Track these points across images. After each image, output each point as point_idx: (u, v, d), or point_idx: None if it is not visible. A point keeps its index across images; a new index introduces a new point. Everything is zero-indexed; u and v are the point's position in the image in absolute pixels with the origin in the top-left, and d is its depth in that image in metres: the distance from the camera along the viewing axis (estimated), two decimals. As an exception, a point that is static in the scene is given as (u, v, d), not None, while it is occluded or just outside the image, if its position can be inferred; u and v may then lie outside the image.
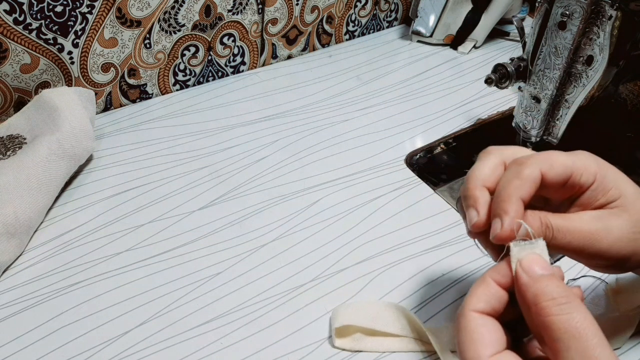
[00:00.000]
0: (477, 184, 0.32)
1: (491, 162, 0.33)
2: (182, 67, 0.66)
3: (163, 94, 0.66)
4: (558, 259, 0.47)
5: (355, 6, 0.77)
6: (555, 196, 0.33)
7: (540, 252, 0.28)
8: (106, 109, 0.63)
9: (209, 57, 0.67)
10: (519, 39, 0.53)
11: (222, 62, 0.69)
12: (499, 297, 0.28)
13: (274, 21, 0.70)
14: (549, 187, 0.31)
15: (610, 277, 0.44)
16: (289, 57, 0.75)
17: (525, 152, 0.33)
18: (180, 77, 0.66)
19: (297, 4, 0.70)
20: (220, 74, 0.70)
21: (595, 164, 0.32)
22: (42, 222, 0.48)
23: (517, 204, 0.29)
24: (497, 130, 0.64)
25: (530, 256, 0.27)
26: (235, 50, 0.69)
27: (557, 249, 0.30)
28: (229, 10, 0.65)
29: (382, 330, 0.39)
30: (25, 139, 0.51)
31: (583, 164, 0.31)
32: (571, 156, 0.31)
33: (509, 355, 0.27)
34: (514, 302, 0.28)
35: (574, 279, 0.45)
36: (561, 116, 0.49)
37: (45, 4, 0.52)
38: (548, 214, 0.31)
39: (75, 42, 0.56)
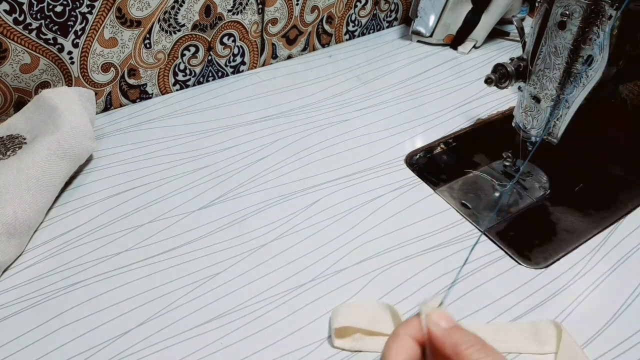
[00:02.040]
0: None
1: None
2: (182, 67, 0.66)
3: (163, 94, 0.66)
4: (551, 263, 0.47)
5: (355, 6, 0.77)
6: None
7: (442, 305, 0.30)
8: (106, 109, 0.63)
9: (209, 57, 0.67)
10: (519, 39, 0.53)
11: (222, 62, 0.69)
12: (415, 349, 0.29)
13: (274, 21, 0.70)
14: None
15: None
16: (289, 57, 0.75)
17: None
18: (180, 77, 0.66)
19: (297, 4, 0.70)
20: (220, 74, 0.69)
21: None
22: (42, 222, 0.48)
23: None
24: (497, 130, 0.64)
25: (436, 311, 0.29)
26: (235, 50, 0.69)
27: None
28: (229, 10, 0.65)
29: (382, 332, 0.39)
30: (25, 139, 0.51)
31: None
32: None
33: None
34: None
35: None
36: (561, 116, 0.49)
37: (45, 4, 0.52)
38: None
39: (75, 42, 0.56)
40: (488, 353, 0.27)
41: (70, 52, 0.56)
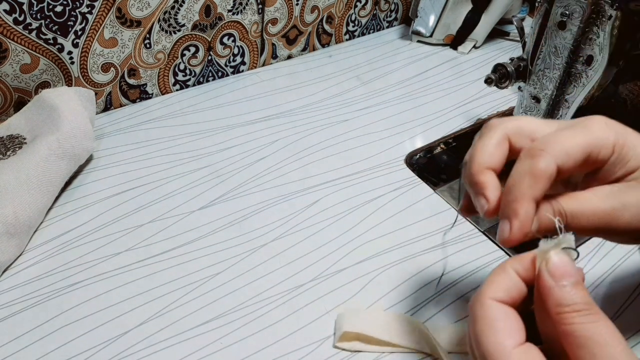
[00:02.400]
0: (481, 168, 0.29)
1: (494, 139, 0.30)
2: (182, 67, 0.66)
3: (163, 94, 0.66)
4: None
5: (355, 6, 0.77)
6: (570, 175, 0.30)
7: (568, 250, 0.26)
8: (106, 109, 0.63)
9: (209, 57, 0.67)
10: (519, 39, 0.53)
11: (222, 62, 0.69)
12: (519, 288, 0.27)
13: (274, 21, 0.70)
14: (565, 174, 0.28)
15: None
16: (289, 57, 0.75)
17: (530, 123, 0.30)
18: (180, 77, 0.66)
19: (297, 4, 0.70)
20: (220, 74, 0.70)
21: (614, 134, 0.29)
22: (42, 222, 0.48)
23: (529, 204, 0.27)
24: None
25: (557, 256, 0.26)
26: (235, 50, 0.69)
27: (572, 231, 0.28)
28: (229, 10, 0.65)
29: (394, 342, 0.38)
30: (25, 139, 0.51)
31: (600, 139, 0.28)
32: (586, 133, 0.28)
33: (532, 349, 0.25)
34: (529, 297, 0.27)
35: None
36: (561, 116, 0.49)
37: (45, 4, 0.52)
38: (560, 199, 0.28)
39: (75, 42, 0.56)
40: (593, 319, 0.24)
41: (70, 52, 0.56)
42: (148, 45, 0.61)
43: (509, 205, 0.28)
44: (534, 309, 0.27)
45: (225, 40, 0.67)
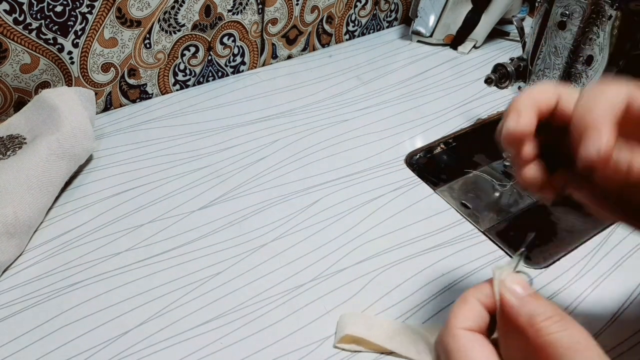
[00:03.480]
0: (529, 102, 0.27)
1: (549, 90, 0.28)
2: (182, 67, 0.66)
3: (163, 94, 0.66)
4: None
5: (355, 6, 0.77)
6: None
7: (519, 270, 0.27)
8: (106, 109, 0.63)
9: (209, 57, 0.67)
10: (519, 39, 0.53)
11: (222, 62, 0.69)
12: (483, 316, 0.27)
13: (274, 21, 0.70)
14: (629, 123, 0.26)
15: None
16: (289, 57, 0.75)
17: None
18: (180, 77, 0.66)
19: (297, 4, 0.70)
20: (220, 74, 0.70)
21: None
22: (42, 222, 0.48)
23: (612, 125, 0.25)
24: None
25: (512, 277, 0.26)
26: (235, 50, 0.69)
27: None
28: (229, 10, 0.65)
29: (397, 351, 0.38)
30: (25, 139, 0.51)
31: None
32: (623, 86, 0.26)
33: None
34: (491, 326, 0.27)
35: None
36: (561, 116, 0.49)
37: (45, 4, 0.52)
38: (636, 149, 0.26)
39: (75, 42, 0.56)
40: (567, 326, 0.24)
41: (70, 52, 0.56)
42: (148, 45, 0.61)
43: (591, 125, 0.25)
44: (495, 338, 0.27)
45: (225, 40, 0.67)
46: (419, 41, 0.80)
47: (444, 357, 0.27)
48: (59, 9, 0.53)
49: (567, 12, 0.44)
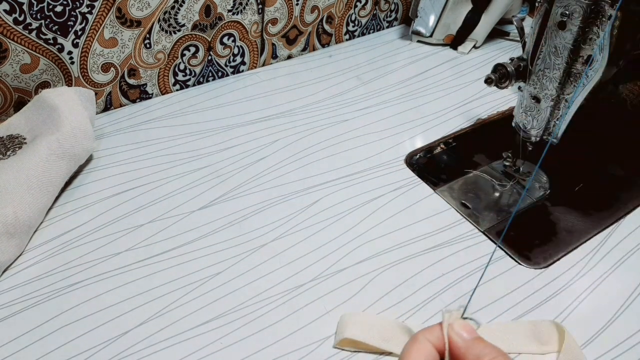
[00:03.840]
0: None
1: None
2: (182, 67, 0.66)
3: (163, 94, 0.66)
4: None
5: (355, 6, 0.77)
6: None
7: (467, 317, 0.30)
8: (106, 109, 0.63)
9: (209, 57, 0.67)
10: (519, 39, 0.53)
11: (222, 62, 0.69)
12: (433, 356, 0.29)
13: (274, 21, 0.70)
14: None
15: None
16: (289, 57, 0.75)
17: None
18: (180, 77, 0.66)
19: (297, 4, 0.70)
20: (220, 74, 0.69)
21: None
22: (42, 222, 0.48)
23: None
24: (497, 130, 0.64)
25: (459, 322, 0.29)
26: (235, 50, 0.69)
27: None
28: (229, 10, 0.65)
29: (396, 352, 0.38)
30: (25, 139, 0.51)
31: None
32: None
33: None
34: None
35: None
36: (561, 116, 0.49)
37: (45, 4, 0.52)
38: None
39: (75, 42, 0.56)
40: None
41: (70, 52, 0.56)
42: (148, 45, 0.61)
43: None
44: None
45: (225, 40, 0.67)
46: (419, 41, 0.80)
47: None
48: (59, 9, 0.53)
49: (567, 12, 0.44)
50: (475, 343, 0.28)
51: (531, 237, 0.50)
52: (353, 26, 0.79)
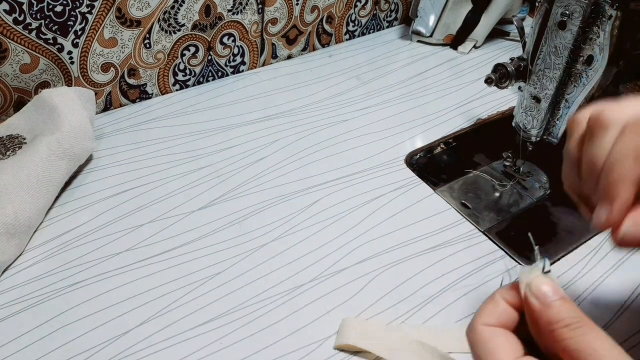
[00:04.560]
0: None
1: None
2: (182, 67, 0.66)
3: (163, 94, 0.66)
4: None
5: (355, 6, 0.77)
6: None
7: (548, 272, 0.28)
8: (106, 109, 0.63)
9: (209, 57, 0.67)
10: (519, 38, 0.53)
11: (222, 62, 0.69)
12: (509, 314, 0.28)
13: (274, 21, 0.69)
14: None
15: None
16: (289, 57, 0.75)
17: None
18: (180, 77, 0.66)
19: (297, 4, 0.70)
20: (220, 74, 0.69)
21: None
22: (42, 222, 0.48)
23: (630, 188, 0.26)
24: (497, 130, 0.64)
25: (538, 279, 0.27)
26: (235, 50, 0.69)
27: None
28: (229, 10, 0.65)
29: None
30: (25, 139, 0.51)
31: None
32: None
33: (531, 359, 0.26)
34: (524, 321, 0.28)
35: None
36: (561, 116, 0.49)
37: (45, 3, 0.52)
38: None
39: (75, 42, 0.56)
40: (584, 331, 0.25)
41: (70, 52, 0.56)
42: (148, 45, 0.61)
43: (610, 187, 0.27)
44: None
45: (225, 40, 0.67)
46: (419, 41, 0.80)
47: (470, 350, 0.28)
48: (58, 8, 0.53)
49: (567, 12, 0.44)
50: (550, 307, 0.26)
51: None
52: (353, 26, 0.79)
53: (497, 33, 0.82)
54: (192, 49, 0.65)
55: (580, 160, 0.30)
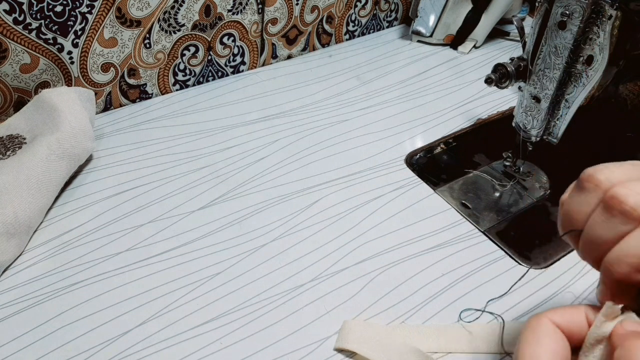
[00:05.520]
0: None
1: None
2: (182, 67, 0.66)
3: (163, 94, 0.66)
4: (551, 263, 0.47)
5: (355, 6, 0.77)
6: None
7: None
8: (106, 109, 0.63)
9: (209, 57, 0.67)
10: (519, 38, 0.53)
11: (222, 62, 0.69)
12: (580, 327, 0.27)
13: (274, 21, 0.70)
14: None
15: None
16: (289, 57, 0.75)
17: None
18: (180, 77, 0.66)
19: (297, 4, 0.70)
20: (220, 74, 0.69)
21: None
22: (42, 222, 0.48)
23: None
24: (497, 130, 0.64)
25: (631, 320, 0.26)
26: (235, 50, 0.69)
27: None
28: (229, 10, 0.65)
29: None
30: (25, 139, 0.51)
31: None
32: None
33: None
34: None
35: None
36: (561, 116, 0.49)
37: (45, 4, 0.52)
38: None
39: (75, 42, 0.56)
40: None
41: (70, 52, 0.56)
42: (148, 45, 0.61)
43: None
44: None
45: (225, 40, 0.67)
46: (419, 41, 0.80)
47: (522, 330, 0.27)
48: (58, 9, 0.53)
49: (567, 12, 0.44)
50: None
51: (531, 237, 0.50)
52: (353, 26, 0.79)
53: (497, 33, 0.82)
54: (192, 49, 0.65)
55: None
